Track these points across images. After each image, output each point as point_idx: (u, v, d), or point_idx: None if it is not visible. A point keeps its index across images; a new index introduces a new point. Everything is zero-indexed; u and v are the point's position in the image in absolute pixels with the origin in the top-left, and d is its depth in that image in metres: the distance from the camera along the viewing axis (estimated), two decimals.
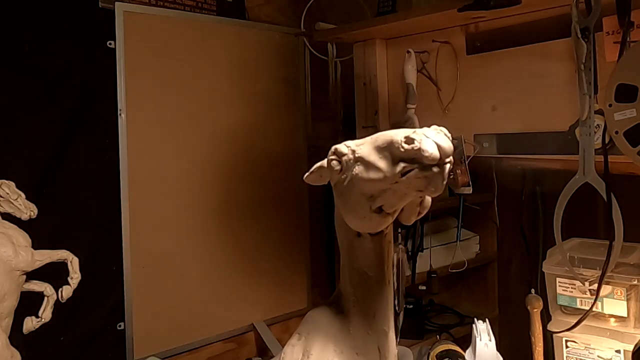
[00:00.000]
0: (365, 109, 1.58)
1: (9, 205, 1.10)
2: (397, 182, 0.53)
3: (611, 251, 1.11)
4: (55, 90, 1.39)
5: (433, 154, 0.51)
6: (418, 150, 0.51)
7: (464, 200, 1.50)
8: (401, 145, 0.52)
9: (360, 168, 0.55)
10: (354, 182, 0.56)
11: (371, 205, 0.58)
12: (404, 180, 0.53)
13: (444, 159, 0.52)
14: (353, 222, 0.62)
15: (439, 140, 0.52)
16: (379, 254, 0.67)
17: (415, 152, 0.51)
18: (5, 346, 1.03)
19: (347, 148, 0.58)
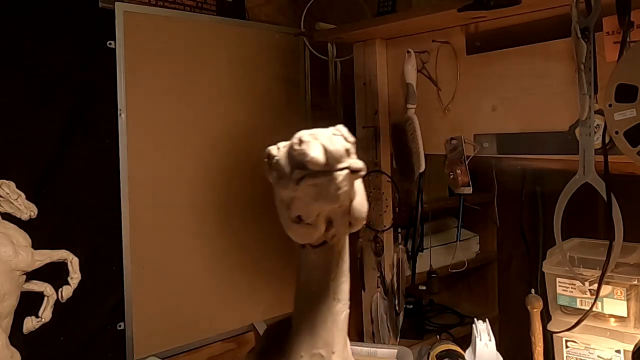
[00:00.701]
0: (365, 109, 1.58)
1: (9, 205, 1.10)
2: (296, 190, 0.49)
3: (611, 251, 1.11)
4: (55, 90, 1.39)
5: (315, 159, 0.46)
6: (302, 154, 0.46)
7: (464, 200, 1.50)
8: (294, 147, 0.48)
9: (275, 173, 0.52)
10: (275, 188, 0.53)
11: (289, 214, 0.55)
12: (300, 189, 0.48)
13: (332, 164, 0.47)
14: (287, 232, 0.59)
15: (329, 143, 0.47)
16: (323, 267, 0.63)
17: (301, 156, 0.47)
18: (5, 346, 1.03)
19: (276, 149, 0.53)
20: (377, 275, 1.59)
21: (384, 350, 1.31)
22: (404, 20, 1.35)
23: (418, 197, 1.53)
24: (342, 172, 0.47)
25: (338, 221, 0.58)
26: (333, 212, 0.56)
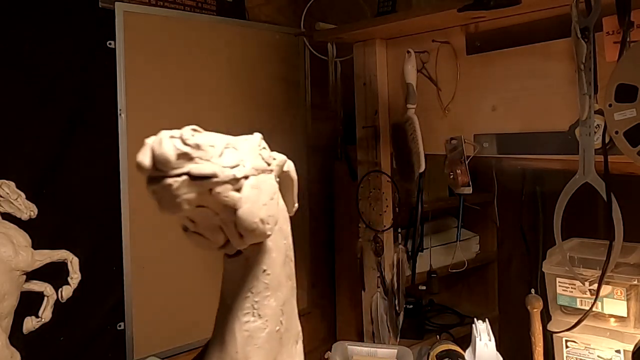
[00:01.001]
0: (365, 109, 1.58)
1: (9, 205, 1.10)
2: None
3: (611, 251, 1.11)
4: (55, 90, 1.39)
5: (140, 163, 0.45)
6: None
7: (464, 200, 1.50)
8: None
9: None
10: None
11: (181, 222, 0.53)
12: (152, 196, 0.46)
13: (163, 170, 0.45)
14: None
15: (157, 146, 0.45)
16: (238, 279, 0.61)
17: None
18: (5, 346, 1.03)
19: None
20: (377, 275, 1.59)
21: (384, 350, 1.31)
22: (404, 20, 1.35)
23: (418, 197, 1.53)
24: (174, 178, 0.45)
25: (228, 232, 0.56)
26: (224, 221, 0.55)
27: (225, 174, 0.50)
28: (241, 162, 0.54)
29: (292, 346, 0.70)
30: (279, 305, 0.65)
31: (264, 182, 0.58)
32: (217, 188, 0.50)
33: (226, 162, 0.51)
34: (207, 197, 0.50)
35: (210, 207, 0.53)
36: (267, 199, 0.58)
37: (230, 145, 0.55)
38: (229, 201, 0.52)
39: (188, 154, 0.46)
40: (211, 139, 0.52)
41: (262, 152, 0.61)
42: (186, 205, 0.48)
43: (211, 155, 0.49)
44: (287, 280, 0.68)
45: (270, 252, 0.63)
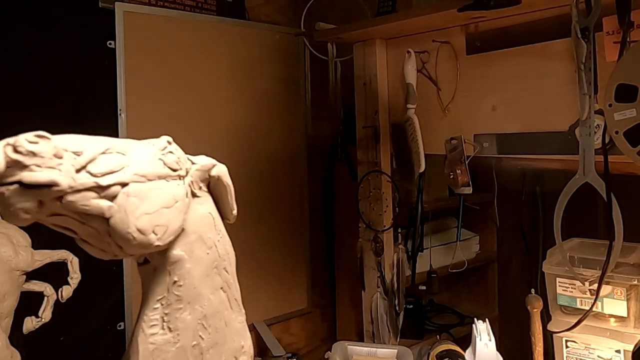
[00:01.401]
0: (365, 109, 1.58)
1: None
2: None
3: (611, 251, 1.11)
4: (55, 90, 1.39)
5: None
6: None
7: (464, 200, 1.50)
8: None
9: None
10: None
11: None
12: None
13: None
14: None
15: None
16: (146, 288, 0.60)
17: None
18: (5, 346, 1.03)
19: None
20: (377, 275, 1.59)
21: (384, 350, 1.31)
22: (404, 20, 1.35)
23: (418, 197, 1.52)
24: (7, 187, 0.45)
25: (104, 241, 0.53)
26: (94, 230, 0.53)
27: (78, 182, 0.48)
28: (121, 168, 0.52)
29: None
30: (196, 319, 0.62)
31: (154, 189, 0.55)
32: (69, 197, 0.48)
33: (96, 169, 0.50)
34: (57, 206, 0.48)
35: (69, 216, 0.50)
36: (155, 207, 0.55)
37: (113, 150, 0.54)
38: (92, 210, 0.50)
39: (20, 162, 0.46)
40: (78, 144, 0.50)
41: (164, 157, 0.59)
42: (24, 214, 0.46)
43: (59, 163, 0.47)
44: (215, 293, 0.65)
45: (181, 263, 0.60)
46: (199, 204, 0.64)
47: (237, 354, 0.69)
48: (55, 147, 0.47)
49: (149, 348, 0.59)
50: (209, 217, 0.66)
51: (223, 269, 0.67)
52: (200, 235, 0.63)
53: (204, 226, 0.64)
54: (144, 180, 0.54)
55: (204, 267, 0.63)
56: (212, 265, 0.65)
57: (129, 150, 0.56)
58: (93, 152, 0.51)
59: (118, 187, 0.51)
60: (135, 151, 0.56)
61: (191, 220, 0.62)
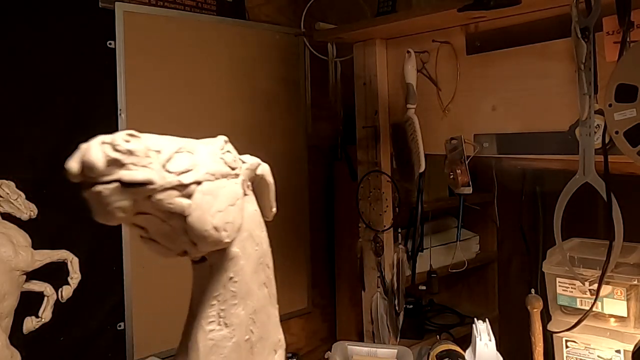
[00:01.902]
0: (365, 109, 1.58)
1: (9, 205, 1.10)
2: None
3: (611, 251, 1.11)
4: (55, 90, 1.40)
5: (68, 170, 0.44)
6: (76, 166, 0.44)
7: (464, 200, 1.50)
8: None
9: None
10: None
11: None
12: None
13: (94, 177, 0.44)
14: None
15: (85, 152, 0.44)
16: (202, 286, 0.61)
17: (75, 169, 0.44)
18: (5, 346, 1.03)
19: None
20: (377, 275, 1.59)
21: (384, 350, 1.31)
22: (404, 20, 1.35)
23: (418, 197, 1.52)
24: (105, 185, 0.45)
25: (180, 239, 0.54)
26: (172, 229, 0.53)
27: (167, 180, 0.48)
28: (194, 167, 0.53)
29: (268, 355, 0.68)
30: (248, 314, 0.63)
31: (221, 187, 0.57)
32: (158, 195, 0.49)
33: (174, 168, 0.50)
34: (147, 204, 0.49)
35: (154, 214, 0.51)
36: (224, 205, 0.56)
37: (184, 150, 0.54)
38: (175, 208, 0.50)
39: (118, 161, 0.45)
40: (157, 143, 0.50)
41: (224, 155, 0.60)
42: (120, 213, 0.47)
43: (150, 162, 0.47)
44: (261, 288, 0.66)
45: (237, 260, 0.61)
46: (248, 202, 0.65)
47: (276, 347, 0.71)
48: (145, 145, 0.47)
49: (208, 344, 0.61)
50: (257, 214, 0.67)
51: (266, 265, 0.69)
52: (250, 232, 0.64)
53: (253, 223, 0.65)
54: (213, 179, 0.55)
55: (253, 264, 0.64)
56: (259, 262, 0.66)
57: (195, 149, 0.57)
58: (170, 151, 0.52)
59: (195, 185, 0.52)
60: (200, 150, 0.58)
61: (244, 218, 0.63)
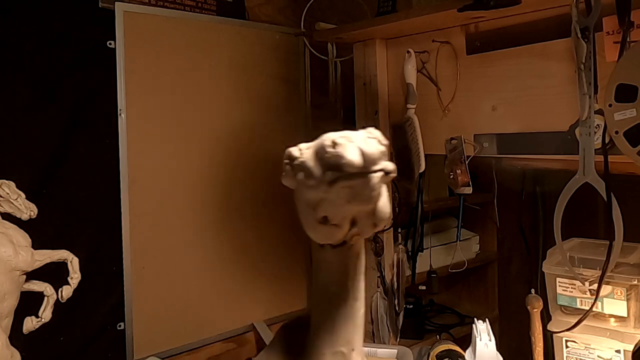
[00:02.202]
0: (365, 109, 1.58)
1: (9, 205, 1.10)
2: (328, 192, 0.49)
3: (611, 251, 1.11)
4: (55, 90, 1.39)
5: (352, 161, 0.46)
6: (338, 156, 0.47)
7: (464, 200, 1.50)
8: (326, 149, 0.48)
9: (301, 174, 0.52)
10: (299, 189, 0.54)
11: (315, 215, 0.54)
12: (332, 190, 0.49)
13: (368, 167, 0.47)
14: (307, 232, 0.59)
15: (365, 145, 0.47)
16: (341, 268, 0.63)
17: (336, 158, 0.47)
18: (5, 346, 1.03)
19: (298, 151, 0.53)
20: (377, 275, 1.59)
21: (384, 350, 1.31)
22: (404, 20, 1.35)
23: (418, 197, 1.53)
24: (377, 174, 0.47)
25: (363, 222, 0.56)
26: (359, 213, 0.55)
27: (391, 168, 0.51)
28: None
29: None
30: (364, 288, 0.68)
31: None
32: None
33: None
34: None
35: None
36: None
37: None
38: (380, 193, 0.53)
39: (383, 152, 0.48)
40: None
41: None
42: (374, 201, 0.50)
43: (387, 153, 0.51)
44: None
45: (362, 241, 0.64)
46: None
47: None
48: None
49: (355, 321, 0.66)
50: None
51: None
52: None
53: None
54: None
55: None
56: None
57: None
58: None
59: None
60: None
61: None
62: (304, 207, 0.54)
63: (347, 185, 0.47)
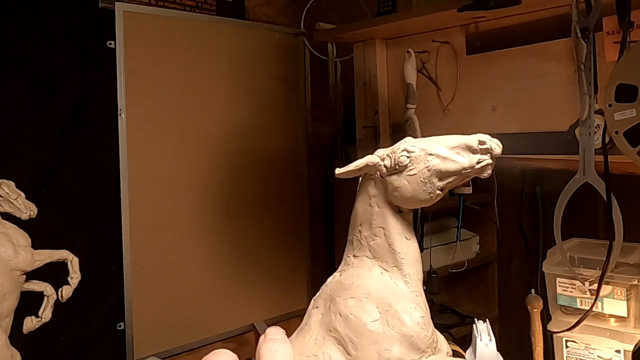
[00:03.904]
0: (365, 109, 1.58)
1: (9, 205, 1.10)
2: (469, 170, 0.69)
3: (611, 251, 1.11)
4: (55, 90, 1.40)
5: (499, 149, 0.71)
6: (490, 148, 0.70)
7: (464, 200, 1.50)
8: (478, 145, 0.70)
9: (437, 160, 0.70)
10: (428, 170, 0.70)
11: (440, 186, 0.70)
12: (478, 168, 0.69)
13: (494, 155, 0.72)
14: (414, 202, 0.72)
15: (495, 142, 0.72)
16: (412, 221, 0.76)
17: (489, 150, 0.70)
18: (5, 346, 1.03)
19: (415, 147, 0.72)
20: None
21: None
22: (404, 20, 1.35)
23: None
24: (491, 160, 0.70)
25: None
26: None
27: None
28: None
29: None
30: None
31: None
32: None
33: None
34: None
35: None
36: None
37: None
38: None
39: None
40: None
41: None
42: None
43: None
44: None
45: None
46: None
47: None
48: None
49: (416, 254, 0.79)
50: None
51: None
52: None
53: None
54: None
55: None
56: None
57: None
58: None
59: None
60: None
61: None
62: (427, 183, 0.69)
63: (489, 163, 0.70)
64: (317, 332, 0.69)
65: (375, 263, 0.72)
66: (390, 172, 0.71)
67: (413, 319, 0.65)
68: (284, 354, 0.44)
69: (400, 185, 0.71)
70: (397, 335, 0.63)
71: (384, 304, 0.66)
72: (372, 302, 0.66)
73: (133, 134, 1.52)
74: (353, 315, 0.66)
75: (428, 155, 0.71)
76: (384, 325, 0.64)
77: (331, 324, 0.67)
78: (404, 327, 0.64)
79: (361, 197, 0.75)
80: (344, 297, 0.69)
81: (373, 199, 0.74)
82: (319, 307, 0.74)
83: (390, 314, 0.65)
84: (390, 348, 0.62)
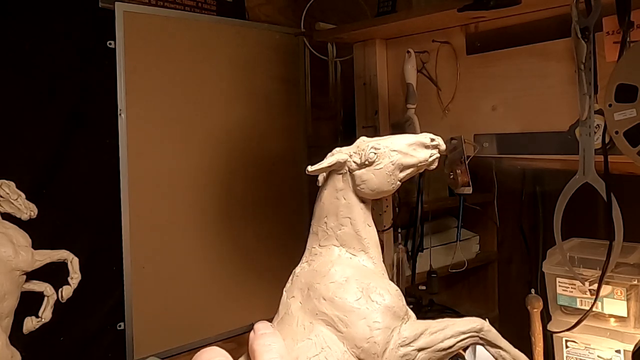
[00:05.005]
0: (365, 109, 1.58)
1: (9, 205, 1.10)
2: (424, 163, 0.78)
3: (611, 251, 1.11)
4: (55, 90, 1.39)
5: (444, 146, 0.80)
6: (439, 144, 0.79)
7: (464, 200, 1.50)
8: (430, 142, 0.78)
9: (399, 156, 0.77)
10: (393, 164, 0.77)
11: (401, 177, 0.78)
12: (430, 161, 0.78)
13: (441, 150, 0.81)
14: (378, 193, 0.78)
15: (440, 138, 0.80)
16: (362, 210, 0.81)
17: (437, 145, 0.79)
18: (5, 346, 1.03)
19: (380, 145, 0.79)
20: None
21: None
22: (404, 20, 1.35)
23: (418, 197, 1.53)
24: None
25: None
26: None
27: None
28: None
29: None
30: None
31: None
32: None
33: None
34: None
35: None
36: None
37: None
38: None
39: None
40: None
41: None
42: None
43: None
44: None
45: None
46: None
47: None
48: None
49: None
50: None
51: None
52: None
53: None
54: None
55: None
56: None
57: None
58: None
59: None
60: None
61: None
62: (390, 175, 0.76)
63: (438, 157, 0.79)
64: (302, 319, 0.74)
65: (343, 250, 0.78)
66: (360, 167, 0.77)
67: (391, 292, 0.71)
68: (277, 346, 0.45)
69: (367, 179, 0.77)
70: (381, 308, 0.69)
71: (362, 283, 0.72)
72: (351, 283, 0.72)
73: (133, 134, 1.52)
74: (338, 297, 0.71)
75: (391, 151, 0.78)
76: (368, 301, 0.70)
77: (316, 309, 0.72)
78: (385, 300, 0.70)
79: (328, 191, 0.80)
80: (323, 283, 0.74)
81: (340, 192, 0.79)
82: (295, 296, 0.79)
83: (371, 291, 0.71)
84: (378, 319, 0.68)
